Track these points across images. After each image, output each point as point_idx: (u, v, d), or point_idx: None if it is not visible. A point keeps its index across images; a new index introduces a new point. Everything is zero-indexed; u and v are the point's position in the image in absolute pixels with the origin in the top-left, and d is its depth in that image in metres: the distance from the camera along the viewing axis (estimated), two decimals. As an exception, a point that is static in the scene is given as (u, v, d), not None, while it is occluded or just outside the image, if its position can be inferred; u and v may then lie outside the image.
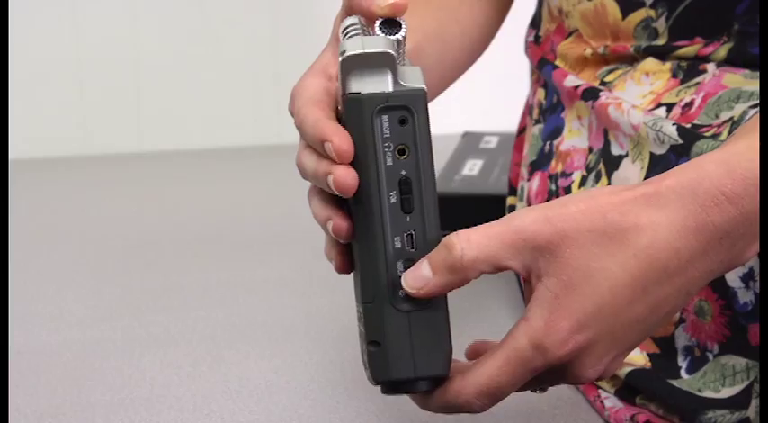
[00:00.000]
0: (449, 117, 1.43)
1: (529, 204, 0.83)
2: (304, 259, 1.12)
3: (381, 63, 0.52)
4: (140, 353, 0.88)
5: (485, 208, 1.17)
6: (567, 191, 0.77)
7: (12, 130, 1.72)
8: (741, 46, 0.70)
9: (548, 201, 0.79)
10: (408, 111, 0.52)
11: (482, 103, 1.74)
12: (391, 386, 0.54)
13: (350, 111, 0.52)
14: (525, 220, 0.49)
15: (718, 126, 0.66)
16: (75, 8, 1.89)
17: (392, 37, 0.53)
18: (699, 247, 0.49)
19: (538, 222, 0.49)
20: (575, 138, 0.78)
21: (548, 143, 0.82)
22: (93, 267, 1.15)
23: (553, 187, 0.79)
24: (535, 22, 0.88)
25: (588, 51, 0.79)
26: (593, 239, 0.48)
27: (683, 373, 0.66)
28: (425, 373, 0.53)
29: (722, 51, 0.70)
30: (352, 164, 0.51)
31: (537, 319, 0.49)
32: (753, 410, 0.62)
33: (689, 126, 0.67)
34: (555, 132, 0.81)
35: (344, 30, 0.55)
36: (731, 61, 0.70)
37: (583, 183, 0.75)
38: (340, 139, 0.51)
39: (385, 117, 0.52)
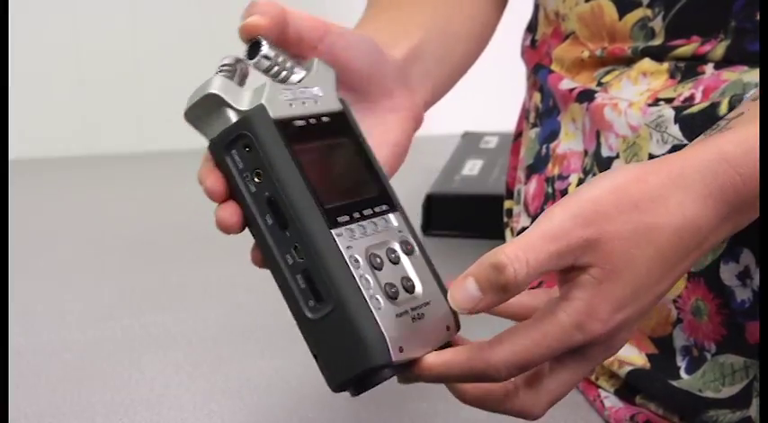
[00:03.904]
0: (449, 117, 1.43)
1: (526, 207, 0.83)
2: (304, 259, 1.11)
3: (213, 104, 0.54)
4: (140, 353, 0.88)
5: (485, 208, 1.17)
6: (564, 194, 0.77)
7: (12, 130, 1.73)
8: (738, 43, 0.70)
9: (544, 205, 0.79)
10: (246, 136, 0.53)
11: (482, 103, 1.74)
12: (348, 387, 0.54)
13: (213, 157, 0.54)
14: (566, 226, 0.49)
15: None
16: (75, 8, 1.89)
17: (251, 61, 0.56)
18: (714, 224, 0.51)
19: (577, 227, 0.49)
20: (571, 141, 0.78)
21: (544, 146, 0.82)
22: (93, 267, 1.15)
23: (549, 190, 0.79)
24: (532, 27, 0.89)
25: (585, 54, 0.79)
26: (631, 229, 0.50)
27: (682, 373, 0.66)
28: (364, 367, 0.52)
29: (719, 49, 0.70)
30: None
31: (578, 300, 0.50)
32: (754, 409, 0.62)
33: (695, 109, 0.66)
34: (551, 136, 0.81)
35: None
36: (729, 60, 0.70)
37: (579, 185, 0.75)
38: (211, 183, 0.54)
39: (234, 151, 0.53)
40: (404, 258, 0.55)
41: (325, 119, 0.56)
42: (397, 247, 0.55)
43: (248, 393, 0.79)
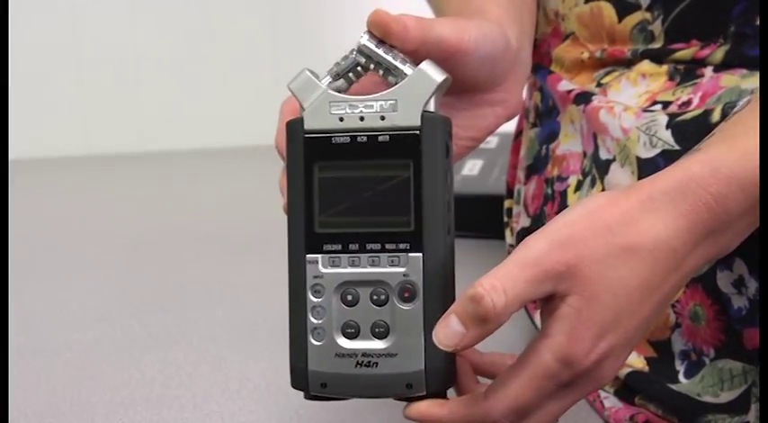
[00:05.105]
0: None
1: (525, 208, 0.83)
2: (304, 259, 1.11)
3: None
4: (140, 353, 0.88)
5: (485, 208, 1.17)
6: (563, 195, 0.77)
7: (12, 130, 1.73)
8: (738, 48, 0.69)
9: (543, 206, 0.79)
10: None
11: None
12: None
13: None
14: (541, 252, 0.50)
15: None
16: (74, 8, 1.89)
17: (352, 54, 0.55)
18: (690, 245, 0.51)
19: (553, 251, 0.50)
20: (570, 142, 0.78)
21: (544, 147, 0.82)
22: (93, 267, 1.15)
23: (549, 191, 0.79)
24: (532, 26, 0.88)
25: (585, 55, 0.78)
26: (606, 252, 0.50)
27: (681, 377, 0.66)
28: (291, 384, 0.56)
29: (719, 54, 0.70)
30: None
31: (560, 334, 0.50)
32: (753, 415, 0.62)
33: (688, 116, 0.66)
34: (551, 136, 0.81)
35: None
36: (728, 64, 0.70)
37: (578, 187, 0.75)
38: None
39: None
40: (394, 303, 0.53)
41: (382, 137, 0.53)
42: (390, 289, 0.53)
43: (248, 393, 0.79)
